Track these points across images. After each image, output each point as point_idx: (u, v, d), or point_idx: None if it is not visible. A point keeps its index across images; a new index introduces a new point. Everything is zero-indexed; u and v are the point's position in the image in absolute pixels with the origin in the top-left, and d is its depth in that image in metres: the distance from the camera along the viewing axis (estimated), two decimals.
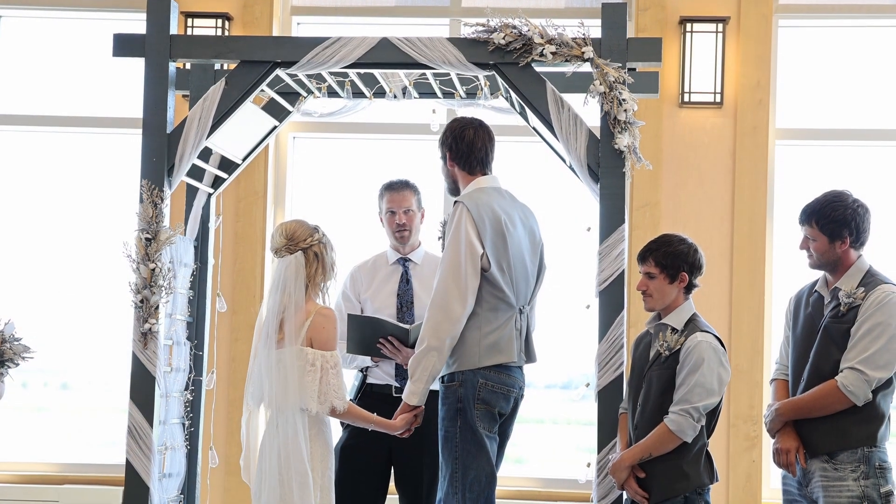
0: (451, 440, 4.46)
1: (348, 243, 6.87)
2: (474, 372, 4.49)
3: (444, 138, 4.71)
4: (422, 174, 6.88)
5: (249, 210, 6.66)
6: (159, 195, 4.63)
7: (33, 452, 6.97)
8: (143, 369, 4.64)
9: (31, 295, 7.00)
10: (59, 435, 7.13)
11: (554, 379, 7.09)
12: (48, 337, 6.90)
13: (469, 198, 4.55)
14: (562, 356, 6.78)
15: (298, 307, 4.37)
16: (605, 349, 4.50)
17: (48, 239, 7.07)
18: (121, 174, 6.91)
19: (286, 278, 4.40)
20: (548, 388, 7.09)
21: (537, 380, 7.08)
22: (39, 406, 7.32)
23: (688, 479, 4.23)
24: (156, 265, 4.61)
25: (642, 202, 6.51)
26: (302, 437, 4.33)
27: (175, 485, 4.99)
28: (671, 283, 4.35)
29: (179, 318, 4.99)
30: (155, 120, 4.70)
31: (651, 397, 4.29)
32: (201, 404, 5.22)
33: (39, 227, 7.08)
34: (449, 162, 4.69)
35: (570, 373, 7.05)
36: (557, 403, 7.23)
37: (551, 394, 7.08)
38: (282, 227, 4.50)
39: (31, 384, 7.29)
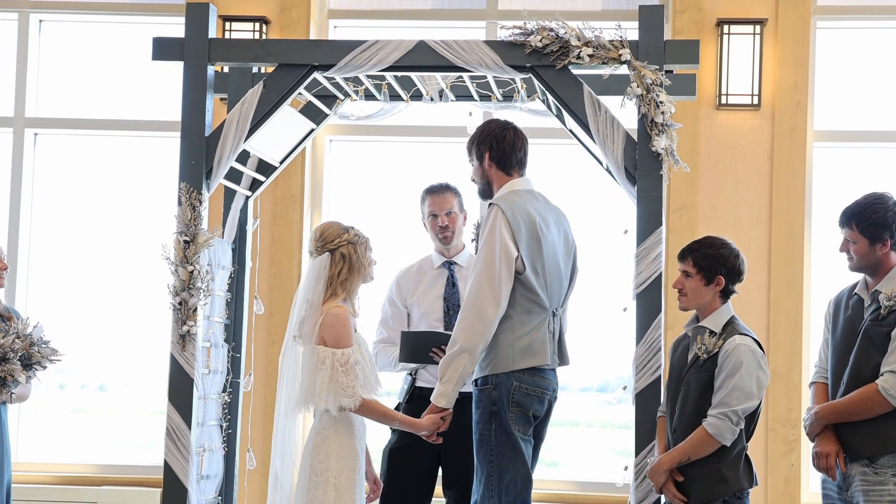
0: (487, 443, 4.45)
1: (386, 246, 6.88)
2: (508, 375, 4.48)
3: (481, 138, 4.69)
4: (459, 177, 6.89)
5: (286, 213, 6.69)
6: (198, 198, 4.66)
7: (71, 454, 7.02)
8: (181, 371, 4.67)
9: (69, 297, 7.06)
10: (97, 436, 7.18)
11: (589, 382, 7.07)
12: (86, 339, 6.96)
13: (503, 200, 4.54)
14: (597, 359, 6.76)
15: (315, 307, 4.42)
16: (642, 352, 4.48)
17: (87, 241, 7.13)
18: (160, 177, 6.96)
19: (309, 278, 4.47)
20: (583, 391, 7.07)
21: (572, 383, 7.06)
22: (77, 407, 7.37)
23: (727, 482, 4.21)
24: (194, 267, 4.63)
25: (679, 205, 6.49)
26: (317, 434, 4.37)
27: (213, 486, 5.01)
28: (707, 285, 4.33)
29: (217, 320, 5.01)
30: (193, 123, 4.73)
31: (689, 401, 4.27)
32: (239, 406, 5.24)
33: (78, 230, 7.14)
34: (487, 162, 4.68)
35: (605, 375, 7.03)
36: (593, 406, 7.21)
37: (587, 397, 7.06)
38: (316, 228, 4.57)
39: (68, 386, 7.35)
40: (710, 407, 4.19)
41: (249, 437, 5.49)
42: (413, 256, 5.46)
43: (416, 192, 5.47)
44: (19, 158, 7.02)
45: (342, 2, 6.98)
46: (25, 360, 4.67)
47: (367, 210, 6.94)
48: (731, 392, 4.17)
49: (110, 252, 7.08)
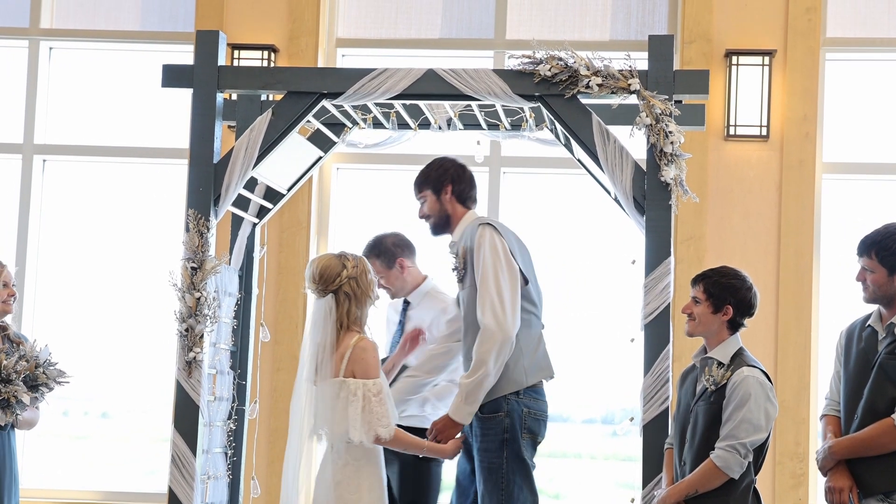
0: (497, 471, 4.43)
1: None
2: (518, 400, 4.48)
3: (439, 173, 4.79)
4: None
5: (293, 241, 6.68)
6: (205, 225, 4.65)
7: (76, 480, 6.99)
8: (187, 398, 4.64)
9: (74, 323, 7.04)
10: (100, 463, 7.15)
11: (593, 413, 7.04)
12: (89, 365, 6.94)
13: (487, 220, 4.60)
14: (601, 390, 6.73)
15: (329, 349, 4.39)
16: (650, 383, 4.45)
17: (93, 268, 7.12)
18: (167, 204, 6.96)
19: (316, 322, 4.45)
20: (586, 422, 7.03)
21: (576, 414, 7.02)
22: (80, 434, 7.35)
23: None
24: (201, 294, 4.62)
25: (687, 235, 6.47)
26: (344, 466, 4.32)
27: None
28: (714, 314, 4.31)
29: (223, 347, 4.99)
30: (202, 150, 4.72)
31: (697, 432, 4.24)
32: (244, 434, 5.21)
33: (85, 257, 7.14)
34: (448, 196, 4.73)
35: (609, 407, 6.99)
36: (596, 438, 7.17)
37: (590, 428, 7.02)
38: (311, 268, 4.49)
39: (71, 412, 7.32)
40: (718, 439, 4.16)
41: (254, 464, 5.46)
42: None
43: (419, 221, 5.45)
44: (28, 185, 7.03)
45: (350, 31, 7.00)
46: (31, 382, 4.65)
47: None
48: (740, 424, 4.14)
49: (116, 279, 7.08)
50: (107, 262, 7.10)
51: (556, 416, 6.99)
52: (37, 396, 4.72)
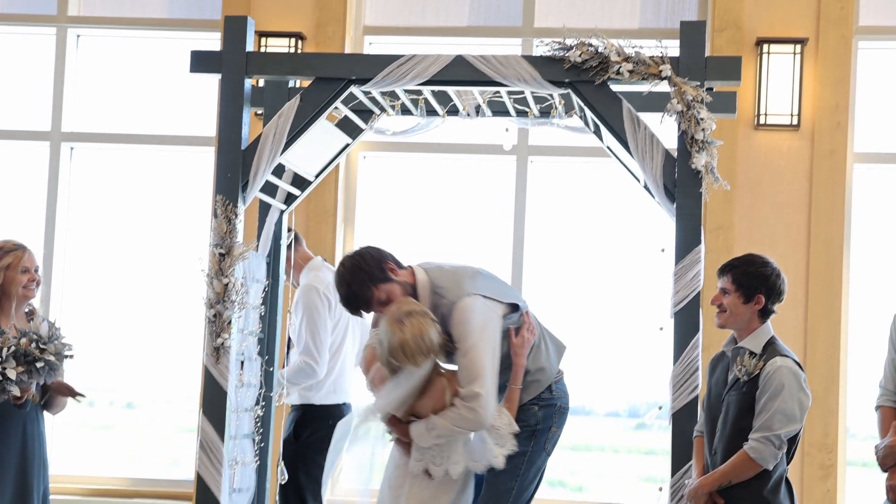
0: (519, 458, 4.39)
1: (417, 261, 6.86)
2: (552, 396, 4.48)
3: (372, 277, 4.35)
4: (492, 192, 6.89)
5: (319, 228, 6.67)
6: (233, 211, 4.64)
7: (102, 468, 7.02)
8: (215, 384, 4.64)
9: (100, 312, 7.05)
10: (126, 452, 7.17)
11: (616, 406, 7.01)
12: (114, 355, 6.96)
13: (457, 284, 4.34)
14: (624, 383, 6.70)
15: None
16: (679, 371, 4.42)
17: (120, 255, 7.13)
18: (195, 191, 6.97)
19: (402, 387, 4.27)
20: (609, 415, 7.00)
21: (599, 407, 7.00)
22: (105, 424, 7.38)
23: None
24: (229, 280, 4.61)
25: (716, 225, 6.43)
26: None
27: (245, 500, 4.97)
28: (745, 304, 4.26)
29: (251, 333, 4.99)
30: (230, 136, 4.71)
31: (729, 422, 4.20)
32: (271, 420, 5.21)
33: (111, 243, 7.15)
34: (388, 286, 4.37)
35: (631, 400, 6.96)
36: (619, 432, 7.14)
37: (614, 422, 6.99)
38: (393, 346, 4.18)
39: (97, 402, 7.35)
40: (752, 430, 4.11)
41: (281, 451, 5.45)
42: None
43: (449, 208, 5.44)
44: (55, 172, 7.05)
45: (378, 18, 6.98)
46: (25, 358, 4.62)
47: (400, 226, 6.92)
48: (774, 415, 4.10)
49: (143, 266, 7.09)
50: (134, 250, 7.11)
51: (579, 409, 6.96)
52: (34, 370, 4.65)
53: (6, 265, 4.76)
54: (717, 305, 4.31)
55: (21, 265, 4.78)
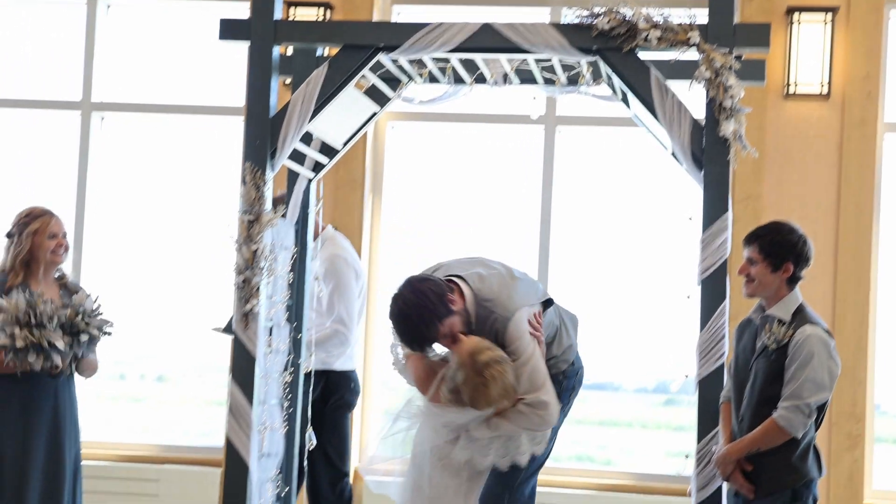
0: None
1: (444, 232, 6.89)
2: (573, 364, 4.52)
3: (438, 315, 4.18)
4: (519, 162, 6.89)
5: (347, 198, 6.70)
6: (262, 178, 4.67)
7: (133, 436, 7.10)
8: (243, 350, 4.69)
9: (130, 284, 7.09)
10: (157, 423, 7.24)
11: (644, 383, 7.02)
12: (144, 328, 7.01)
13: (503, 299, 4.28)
14: (652, 359, 6.70)
15: None
16: (705, 339, 4.42)
17: (149, 223, 7.18)
18: (223, 160, 7.00)
19: None
20: (638, 391, 7.01)
21: (627, 383, 7.01)
22: (136, 397, 7.45)
23: (797, 472, 4.15)
24: (258, 246, 4.65)
25: (744, 195, 6.41)
26: None
27: (274, 464, 5.03)
28: (773, 272, 4.26)
29: (280, 300, 5.03)
30: (258, 104, 4.74)
31: (756, 389, 4.20)
32: (299, 386, 5.26)
33: (142, 212, 7.19)
34: (451, 319, 4.23)
35: (659, 377, 6.96)
36: (647, 408, 7.16)
37: (642, 398, 7.00)
38: (476, 399, 4.17)
39: (128, 376, 7.43)
40: (782, 399, 4.11)
41: (310, 416, 5.49)
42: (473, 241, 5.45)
43: (477, 177, 5.44)
44: (86, 141, 7.10)
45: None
46: (69, 329, 4.68)
47: (427, 196, 6.94)
48: (803, 384, 4.10)
49: (173, 236, 7.12)
50: (164, 219, 7.15)
51: (607, 384, 6.98)
52: (77, 342, 4.71)
53: (34, 230, 4.81)
54: (745, 275, 4.30)
55: (49, 230, 4.83)
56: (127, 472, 6.66)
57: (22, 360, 4.59)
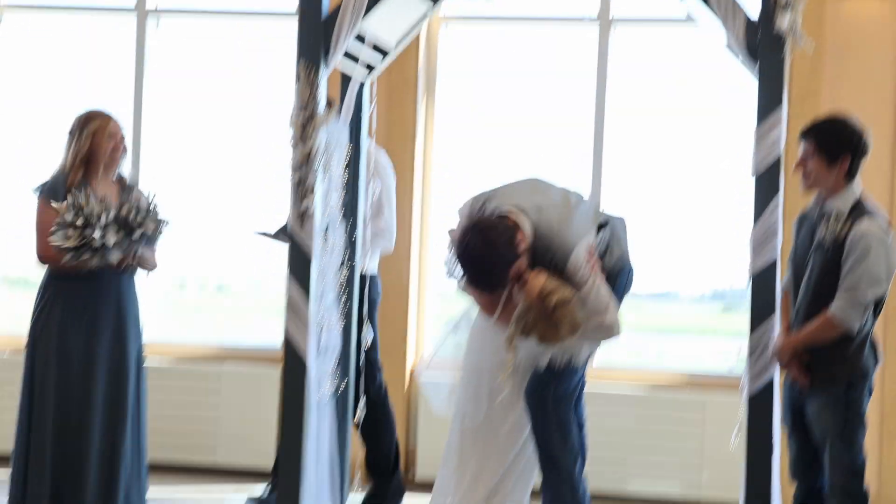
0: None
1: (498, 133, 6.90)
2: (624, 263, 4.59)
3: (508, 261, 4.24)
4: (574, 62, 6.85)
5: (401, 99, 6.71)
6: (315, 77, 4.71)
7: (194, 336, 7.24)
8: (300, 248, 4.77)
9: (185, 193, 7.13)
10: (216, 330, 7.35)
11: (702, 290, 7.03)
12: (205, 240, 7.09)
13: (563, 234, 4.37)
14: (709, 267, 6.70)
15: None
16: (759, 233, 4.43)
17: (206, 128, 7.22)
18: (278, 63, 7.01)
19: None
20: (695, 300, 7.03)
21: (685, 291, 7.03)
22: (196, 306, 7.58)
23: (852, 364, 4.18)
24: (312, 146, 4.70)
25: (801, 92, 6.33)
26: None
27: (331, 360, 5.13)
28: (829, 166, 4.24)
29: (334, 199, 5.08)
30: (311, 4, 4.76)
31: (812, 282, 4.22)
32: (355, 284, 5.34)
33: (199, 116, 7.24)
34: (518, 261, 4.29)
35: (717, 285, 6.96)
36: (704, 315, 7.17)
37: (699, 306, 7.00)
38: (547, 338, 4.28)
39: (188, 285, 7.54)
40: (837, 293, 4.13)
41: (366, 313, 5.59)
42: (526, 143, 5.44)
43: (531, 78, 5.42)
44: (142, 46, 7.13)
45: None
46: (124, 226, 4.77)
47: (480, 97, 6.93)
48: (860, 279, 4.11)
49: (229, 142, 7.16)
50: (220, 123, 7.19)
51: (664, 292, 7.01)
52: (133, 242, 4.79)
53: (93, 130, 4.90)
54: (802, 170, 4.29)
55: (107, 131, 4.91)
56: (189, 370, 6.81)
57: (78, 259, 4.70)
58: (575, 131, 6.78)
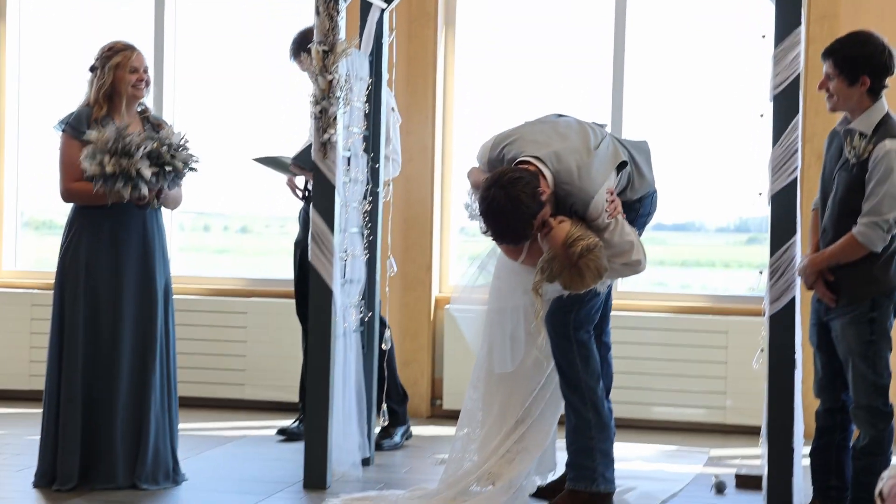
0: None
1: (517, 65, 6.89)
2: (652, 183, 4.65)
3: (533, 212, 4.26)
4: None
5: (421, 31, 6.71)
6: (335, 8, 4.73)
7: (221, 271, 7.32)
8: (323, 178, 4.83)
9: (207, 131, 7.13)
10: (242, 269, 7.40)
11: (726, 222, 7.03)
12: (228, 182, 7.11)
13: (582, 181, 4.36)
14: (734, 198, 6.70)
15: None
16: (778, 154, 4.46)
17: (226, 70, 7.22)
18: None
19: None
20: (719, 231, 7.03)
21: (708, 222, 7.03)
22: (220, 248, 7.63)
23: (877, 282, 4.21)
24: (333, 76, 4.74)
25: (820, 14, 6.29)
26: None
27: (356, 290, 5.21)
28: (850, 86, 4.24)
29: (356, 130, 5.13)
30: None
31: (837, 201, 4.25)
32: (378, 214, 5.39)
33: (219, 51, 7.23)
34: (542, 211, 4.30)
35: (742, 215, 6.96)
36: (729, 247, 7.18)
37: (723, 237, 7.00)
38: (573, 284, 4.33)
39: (212, 227, 7.59)
40: (861, 214, 4.15)
41: (390, 244, 5.65)
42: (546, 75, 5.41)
43: (552, 10, 5.39)
44: None
45: None
46: (156, 160, 4.80)
47: (500, 27, 6.92)
48: (883, 199, 4.13)
49: (251, 78, 7.16)
50: (241, 60, 7.19)
51: (689, 224, 7.02)
52: (164, 175, 4.81)
53: (115, 64, 4.91)
54: (825, 90, 4.29)
55: (130, 65, 4.93)
56: (216, 304, 6.89)
57: (111, 188, 4.74)
58: (594, 63, 6.76)
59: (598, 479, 4.54)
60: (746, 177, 6.42)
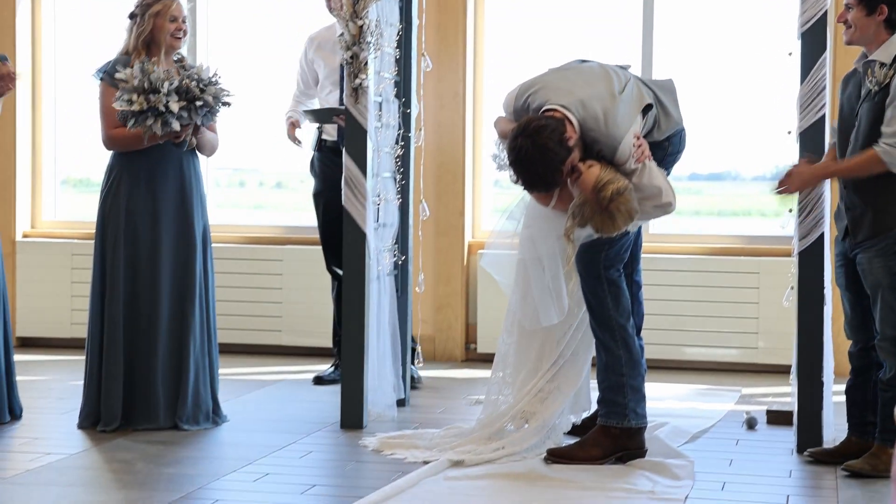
0: None
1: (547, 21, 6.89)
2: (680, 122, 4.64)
3: (561, 159, 4.27)
4: None
5: None
6: None
7: (257, 219, 7.40)
8: (356, 123, 4.89)
9: (246, 94, 7.13)
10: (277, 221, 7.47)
11: (761, 170, 7.03)
12: (263, 138, 7.16)
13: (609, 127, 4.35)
14: (769, 146, 6.69)
15: None
16: (806, 91, 4.48)
17: (262, 23, 7.26)
18: None
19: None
20: (756, 179, 7.04)
21: (745, 171, 7.04)
22: (256, 204, 7.70)
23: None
24: (363, 22, 4.79)
25: None
26: None
27: (390, 234, 5.28)
28: (869, 16, 4.26)
29: (387, 76, 5.18)
30: None
31: (861, 133, 4.26)
32: (411, 159, 5.46)
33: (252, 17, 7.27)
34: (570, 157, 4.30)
35: (777, 163, 6.96)
36: (765, 195, 7.18)
37: (760, 186, 7.00)
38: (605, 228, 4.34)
39: (248, 183, 7.66)
40: (882, 136, 4.18)
41: (422, 189, 5.71)
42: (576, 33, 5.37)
43: None
44: None
45: None
46: (185, 95, 4.86)
47: None
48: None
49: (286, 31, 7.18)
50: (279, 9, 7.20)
51: (725, 173, 7.03)
52: (195, 110, 4.85)
53: (155, 12, 4.97)
54: (844, 21, 4.31)
55: (169, 13, 4.99)
56: (252, 252, 6.98)
57: (141, 124, 4.81)
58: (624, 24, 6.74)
59: (630, 415, 4.60)
60: (782, 124, 6.42)
